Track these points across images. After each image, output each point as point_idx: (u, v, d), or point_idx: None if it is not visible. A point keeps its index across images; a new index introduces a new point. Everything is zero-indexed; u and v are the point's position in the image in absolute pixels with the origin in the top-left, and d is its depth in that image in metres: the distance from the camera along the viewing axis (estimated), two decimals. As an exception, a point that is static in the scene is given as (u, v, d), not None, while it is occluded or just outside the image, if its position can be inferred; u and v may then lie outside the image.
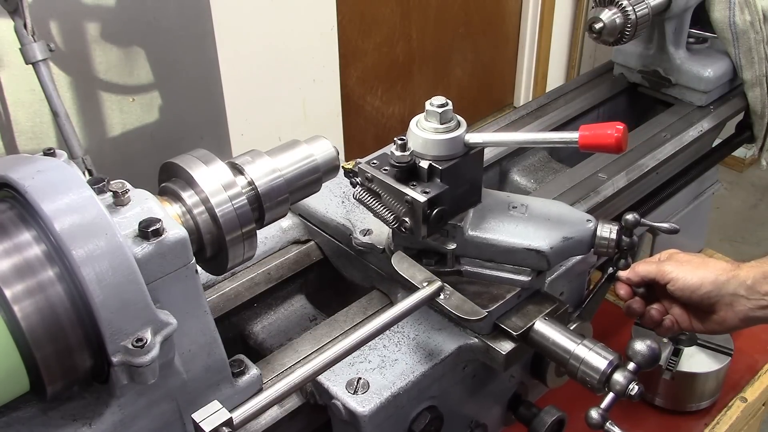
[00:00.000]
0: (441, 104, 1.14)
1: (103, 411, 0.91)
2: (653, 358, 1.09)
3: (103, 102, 2.72)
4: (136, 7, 2.65)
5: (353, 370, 1.12)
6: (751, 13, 1.73)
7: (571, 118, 1.83)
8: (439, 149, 1.14)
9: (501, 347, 1.17)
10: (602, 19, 1.60)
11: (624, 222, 1.19)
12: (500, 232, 1.19)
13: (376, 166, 1.17)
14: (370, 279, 1.35)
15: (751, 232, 4.01)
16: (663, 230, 1.26)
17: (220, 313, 1.28)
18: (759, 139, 1.91)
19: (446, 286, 1.14)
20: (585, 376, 1.11)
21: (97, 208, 0.86)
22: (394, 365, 1.14)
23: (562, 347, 1.14)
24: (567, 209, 1.26)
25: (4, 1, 2.09)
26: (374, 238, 1.28)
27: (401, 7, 3.79)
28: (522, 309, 1.20)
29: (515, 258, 1.19)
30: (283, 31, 3.14)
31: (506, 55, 4.59)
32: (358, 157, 1.24)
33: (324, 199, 1.38)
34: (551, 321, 1.18)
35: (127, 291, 0.85)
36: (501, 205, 1.23)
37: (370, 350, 1.16)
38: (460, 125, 1.16)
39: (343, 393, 1.09)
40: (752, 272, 1.26)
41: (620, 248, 1.20)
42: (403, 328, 1.20)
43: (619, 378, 1.07)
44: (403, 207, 1.13)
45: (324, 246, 1.42)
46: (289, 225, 1.43)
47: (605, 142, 1.08)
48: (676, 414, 1.69)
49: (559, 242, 1.18)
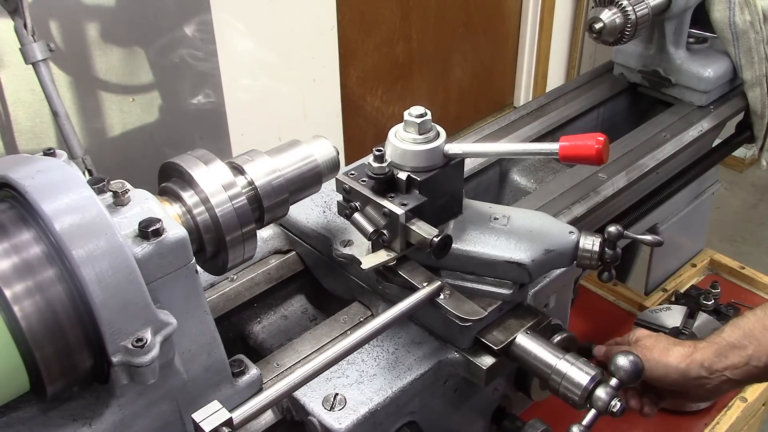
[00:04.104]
0: (419, 114, 1.12)
1: (103, 411, 0.91)
2: (636, 373, 1.07)
3: (103, 102, 2.72)
4: (136, 7, 2.64)
5: (330, 385, 1.10)
6: (751, 13, 1.73)
7: (571, 118, 1.83)
8: (418, 160, 1.12)
9: (482, 362, 1.14)
10: (602, 19, 1.60)
11: (607, 234, 1.16)
12: (481, 244, 1.16)
13: (354, 177, 1.14)
14: (351, 290, 1.32)
15: (751, 232, 4.01)
16: (647, 243, 1.24)
17: (220, 313, 1.28)
18: (759, 139, 1.91)
19: (446, 286, 1.13)
20: (567, 392, 1.08)
21: (97, 208, 0.86)
22: (372, 380, 1.11)
23: (544, 362, 1.12)
24: (549, 221, 1.23)
25: (4, 1, 2.09)
26: (355, 250, 1.23)
27: (401, 7, 3.79)
28: (503, 323, 1.18)
29: (496, 271, 1.16)
30: (283, 31, 3.14)
31: (506, 55, 4.59)
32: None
33: (305, 209, 1.35)
34: (533, 335, 1.15)
35: (127, 291, 0.85)
36: (482, 217, 1.20)
37: (348, 365, 1.13)
38: (440, 135, 1.14)
39: (319, 409, 1.06)
40: (706, 353, 1.29)
41: (603, 261, 1.17)
42: (381, 341, 1.17)
43: (601, 394, 1.05)
44: (381, 219, 1.11)
45: (305, 256, 1.38)
46: (270, 235, 1.40)
47: (585, 153, 1.06)
48: (676, 414, 1.70)
49: (540, 255, 1.15)
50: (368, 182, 1.12)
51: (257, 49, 3.07)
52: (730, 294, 2.07)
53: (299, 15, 3.17)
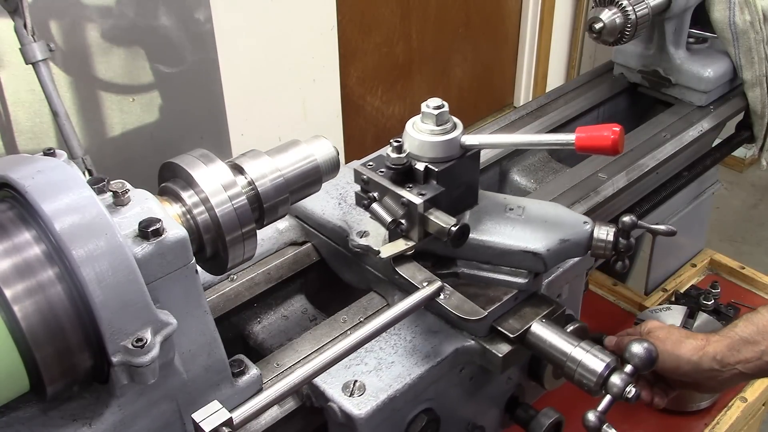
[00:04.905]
0: (437, 106, 1.14)
1: (103, 411, 0.91)
2: (650, 360, 1.08)
3: (103, 102, 2.71)
4: (136, 7, 2.64)
5: (349, 372, 1.12)
6: (751, 13, 1.73)
7: (571, 118, 1.83)
8: (436, 151, 1.14)
9: (498, 349, 1.16)
10: (602, 19, 1.60)
11: (621, 224, 1.19)
12: (497, 234, 1.18)
13: (372, 168, 1.17)
14: (367, 281, 1.34)
15: (751, 232, 4.01)
16: (660, 232, 1.26)
17: (220, 313, 1.28)
18: (759, 139, 1.91)
19: (446, 286, 1.14)
20: (582, 379, 1.10)
21: (97, 208, 0.86)
22: (390, 367, 1.13)
23: (559, 350, 1.13)
24: (564, 211, 1.25)
25: (4, 1, 2.08)
26: (371, 240, 1.27)
27: (401, 7, 3.78)
28: (519, 311, 1.20)
29: (512, 260, 1.18)
30: (283, 31, 3.14)
31: (506, 55, 4.59)
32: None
33: (321, 201, 1.38)
34: (548, 323, 1.17)
35: (127, 291, 0.85)
36: (498, 207, 1.23)
37: (366, 353, 1.15)
38: (456, 127, 1.16)
39: (339, 395, 1.08)
40: (719, 347, 1.30)
41: (617, 250, 1.20)
42: (399, 330, 1.19)
43: (616, 380, 1.07)
44: (399, 209, 1.13)
45: (321, 248, 1.41)
46: (286, 226, 1.43)
47: (602, 144, 1.08)
48: (676, 414, 1.70)
49: (555, 244, 1.18)
50: (386, 173, 1.15)
51: (257, 49, 3.07)
52: (730, 294, 2.07)
53: (299, 15, 3.17)
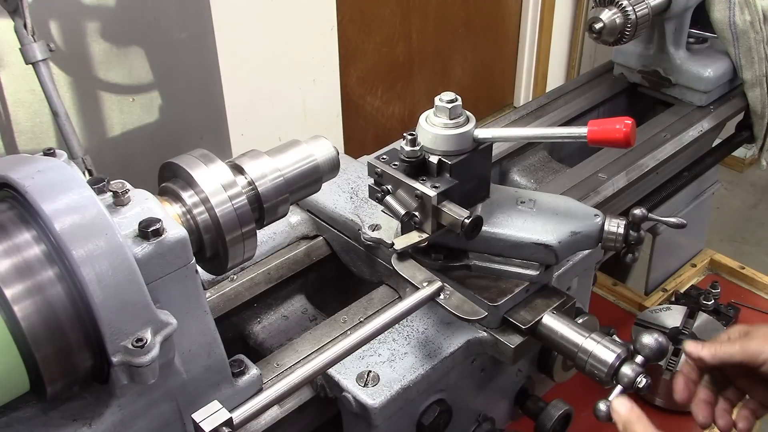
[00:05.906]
0: (450, 100, 1.16)
1: (103, 411, 0.91)
2: (661, 351, 1.09)
3: (103, 102, 2.71)
4: (136, 7, 2.64)
5: (363, 363, 1.13)
6: (751, 13, 1.73)
7: (571, 118, 1.83)
8: (449, 144, 1.15)
9: (510, 341, 1.17)
10: (602, 19, 1.60)
11: (631, 216, 1.19)
12: (508, 227, 1.19)
13: (385, 161, 1.18)
14: (379, 274, 1.36)
15: (751, 232, 4.00)
16: (670, 224, 1.26)
17: (220, 313, 1.28)
18: (759, 139, 1.91)
19: (446, 286, 1.15)
20: (593, 369, 1.11)
21: (97, 208, 0.86)
22: (403, 358, 1.15)
23: (571, 341, 1.14)
24: (575, 204, 1.26)
25: (4, 1, 2.09)
26: (383, 233, 1.29)
27: (401, 7, 3.78)
28: (530, 303, 1.21)
29: (523, 252, 1.19)
30: (283, 31, 3.14)
31: (506, 55, 4.59)
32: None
33: (332, 195, 1.40)
34: (559, 315, 1.19)
35: (127, 291, 0.85)
36: (509, 200, 1.24)
37: (379, 344, 1.17)
38: (469, 120, 1.17)
39: (353, 386, 1.10)
40: None
41: (627, 243, 1.21)
42: (412, 321, 1.21)
43: (627, 371, 1.07)
44: (413, 202, 1.14)
45: (332, 241, 1.43)
46: (298, 221, 1.44)
47: (614, 136, 1.09)
48: (676, 414, 1.69)
49: (567, 237, 1.19)
50: (400, 166, 1.16)
51: (257, 49, 3.07)
52: (730, 294, 2.07)
53: (299, 15, 3.17)
